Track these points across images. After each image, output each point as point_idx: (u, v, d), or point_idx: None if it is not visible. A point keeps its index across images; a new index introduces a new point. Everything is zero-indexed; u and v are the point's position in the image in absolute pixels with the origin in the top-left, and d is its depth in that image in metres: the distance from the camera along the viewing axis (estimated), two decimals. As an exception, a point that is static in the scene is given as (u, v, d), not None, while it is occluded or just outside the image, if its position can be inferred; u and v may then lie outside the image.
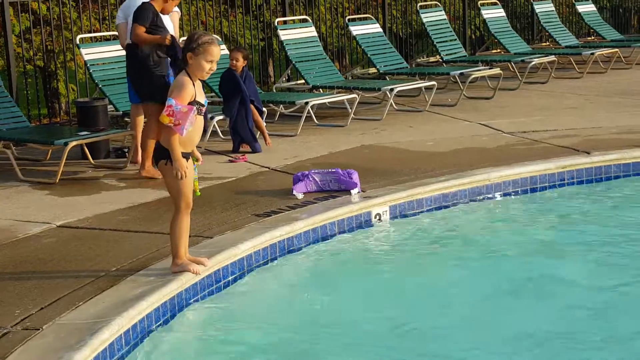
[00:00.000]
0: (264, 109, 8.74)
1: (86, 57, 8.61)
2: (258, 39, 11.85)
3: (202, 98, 4.59)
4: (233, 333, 4.52)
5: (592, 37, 15.62)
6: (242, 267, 5.18)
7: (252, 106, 8.23)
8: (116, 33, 8.00)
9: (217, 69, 8.49)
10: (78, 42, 8.80)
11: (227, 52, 9.86)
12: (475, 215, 6.36)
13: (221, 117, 8.30)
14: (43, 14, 9.47)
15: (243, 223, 5.68)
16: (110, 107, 8.48)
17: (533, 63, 11.72)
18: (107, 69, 8.65)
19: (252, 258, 5.26)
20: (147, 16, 6.98)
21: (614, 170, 7.07)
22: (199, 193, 4.83)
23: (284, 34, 10.57)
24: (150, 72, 7.04)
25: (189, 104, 4.49)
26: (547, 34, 14.72)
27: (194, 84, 4.54)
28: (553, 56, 12.19)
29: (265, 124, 8.70)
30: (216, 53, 4.52)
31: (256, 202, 6.22)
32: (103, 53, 8.67)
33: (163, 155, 4.59)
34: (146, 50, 7.03)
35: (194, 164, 4.73)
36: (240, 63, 8.21)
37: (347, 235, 5.89)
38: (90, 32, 9.65)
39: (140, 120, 7.50)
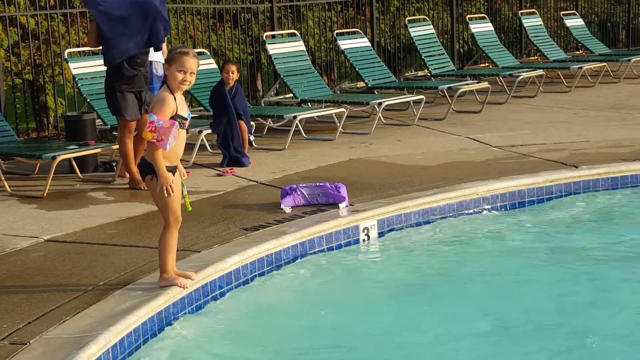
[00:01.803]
0: (252, 122, 8.78)
1: (74, 72, 8.60)
2: (246, 53, 11.87)
3: (184, 112, 4.58)
4: (220, 347, 4.50)
5: (581, 52, 15.73)
6: (229, 281, 5.16)
7: (240, 121, 8.24)
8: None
9: (208, 82, 8.58)
10: (66, 56, 8.80)
11: (215, 66, 9.90)
12: (463, 229, 6.36)
13: (209, 130, 8.30)
14: (31, 28, 9.46)
15: (231, 237, 5.68)
16: (98, 121, 8.47)
17: (521, 77, 11.79)
18: (95, 83, 8.64)
19: (239, 272, 5.26)
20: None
21: (602, 184, 7.11)
22: (190, 208, 4.81)
23: (273, 48, 10.60)
24: (116, 88, 7.08)
25: (171, 118, 4.49)
26: (535, 48, 14.81)
27: (175, 98, 4.53)
28: (541, 70, 12.26)
29: (253, 137, 8.71)
30: (189, 64, 4.48)
31: (244, 216, 6.22)
32: (91, 67, 8.66)
33: (148, 170, 4.58)
34: (114, 65, 7.06)
35: (181, 179, 4.72)
36: (235, 76, 8.24)
37: (335, 250, 5.89)
38: (78, 46, 9.64)
39: (128, 134, 7.51)
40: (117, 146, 7.62)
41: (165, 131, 4.43)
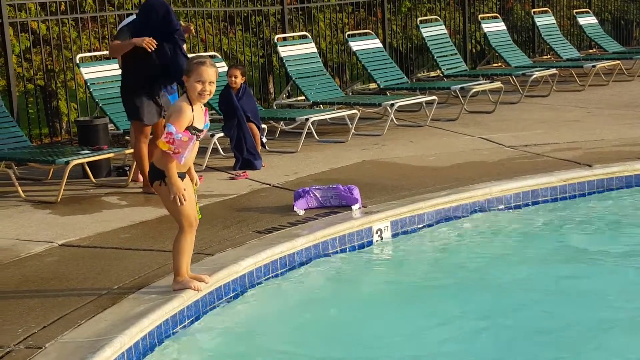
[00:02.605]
0: (264, 125, 8.78)
1: (86, 76, 8.63)
2: (258, 56, 11.88)
3: (201, 123, 4.54)
4: (235, 350, 4.50)
5: (594, 50, 15.65)
6: (243, 283, 5.16)
7: (251, 124, 8.25)
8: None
9: (220, 85, 8.60)
10: (78, 62, 8.83)
11: (226, 69, 9.89)
12: (476, 229, 6.34)
13: (222, 134, 8.30)
14: (43, 33, 9.51)
15: (244, 240, 5.68)
16: (110, 126, 8.50)
17: (534, 76, 11.74)
18: (107, 88, 8.67)
19: (253, 275, 5.25)
20: (124, 32, 7.07)
21: (616, 183, 7.06)
22: (200, 216, 4.81)
23: (284, 51, 10.60)
24: (135, 92, 7.10)
25: (186, 129, 4.47)
26: (548, 46, 14.75)
27: (192, 109, 4.50)
28: (554, 69, 12.21)
29: (266, 140, 8.71)
30: (206, 74, 4.44)
31: (257, 218, 6.22)
32: (103, 72, 8.69)
33: (157, 175, 4.58)
34: (134, 69, 7.09)
35: (192, 186, 4.72)
36: (239, 80, 8.24)
37: (348, 251, 5.88)
38: (90, 51, 9.68)
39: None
40: (130, 150, 7.64)
41: (182, 145, 4.41)
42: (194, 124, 4.49)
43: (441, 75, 12.26)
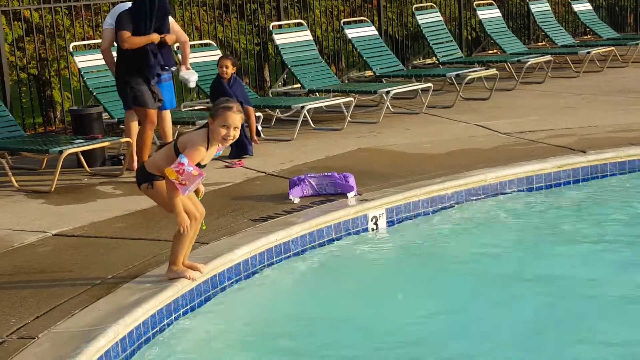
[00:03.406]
0: (259, 113, 8.76)
1: (80, 65, 8.60)
2: (253, 44, 11.84)
3: (208, 159, 4.55)
4: (230, 338, 4.50)
5: (589, 36, 15.61)
6: (238, 272, 5.16)
7: (246, 106, 8.24)
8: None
9: (215, 74, 8.55)
10: (72, 50, 8.79)
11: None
12: (471, 216, 6.34)
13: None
14: (36, 21, 9.46)
15: (239, 228, 5.67)
16: (105, 115, 8.47)
17: (529, 63, 11.71)
18: (101, 77, 8.64)
19: (248, 263, 5.25)
20: (128, 20, 7.04)
21: (610, 169, 7.06)
22: (205, 227, 4.83)
23: (279, 38, 10.56)
24: (133, 80, 7.08)
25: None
26: (543, 33, 14.72)
27: (208, 147, 4.47)
28: (549, 56, 12.18)
29: (261, 128, 8.68)
30: (232, 120, 4.40)
31: (252, 207, 6.21)
32: (97, 60, 8.64)
33: (146, 179, 4.59)
34: (132, 58, 7.08)
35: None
36: (230, 70, 8.23)
37: (343, 239, 5.87)
38: (83, 39, 9.64)
39: (135, 126, 7.52)
40: (124, 139, 7.62)
41: (191, 179, 4.39)
42: (202, 162, 4.50)
43: (437, 62, 12.23)
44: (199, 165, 4.49)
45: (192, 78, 7.75)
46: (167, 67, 7.38)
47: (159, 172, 4.55)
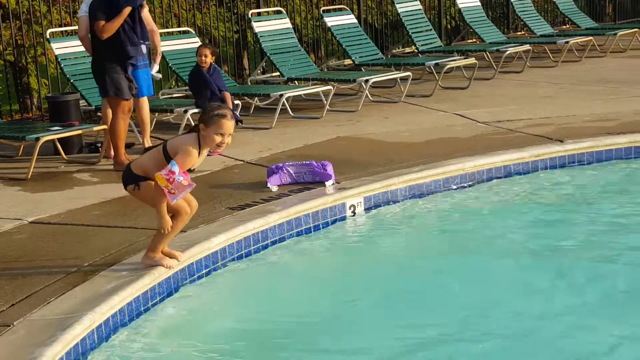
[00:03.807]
0: (238, 101, 8.75)
1: (57, 52, 8.53)
2: (232, 31, 11.79)
3: (198, 164, 4.53)
4: (206, 327, 4.50)
5: (567, 26, 15.69)
6: (215, 260, 5.15)
7: (225, 93, 8.22)
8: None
9: (194, 61, 8.50)
10: (48, 37, 8.71)
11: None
12: (449, 205, 6.36)
13: (195, 110, 8.25)
14: (12, 7, 9.35)
15: (217, 216, 5.65)
16: (82, 102, 8.40)
17: (508, 52, 11.76)
18: (78, 64, 8.57)
19: (225, 251, 5.24)
20: (100, 8, 6.98)
21: (587, 158, 7.11)
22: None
23: (258, 26, 10.52)
24: (111, 68, 7.03)
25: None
26: (522, 23, 14.76)
27: (199, 153, 4.45)
28: (528, 45, 12.23)
29: (240, 116, 8.67)
30: (227, 127, 4.39)
31: (230, 195, 6.19)
32: (74, 47, 8.57)
33: (133, 180, 4.57)
34: (107, 46, 7.02)
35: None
36: (209, 59, 8.21)
37: (321, 227, 5.88)
38: (60, 26, 9.55)
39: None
40: (101, 127, 7.57)
41: (180, 188, 4.37)
42: (192, 166, 4.50)
43: (416, 51, 12.24)
44: (189, 170, 4.49)
45: (158, 76, 7.86)
46: (143, 42, 7.30)
47: (146, 175, 4.52)
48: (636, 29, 13.80)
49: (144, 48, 7.52)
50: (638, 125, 7.85)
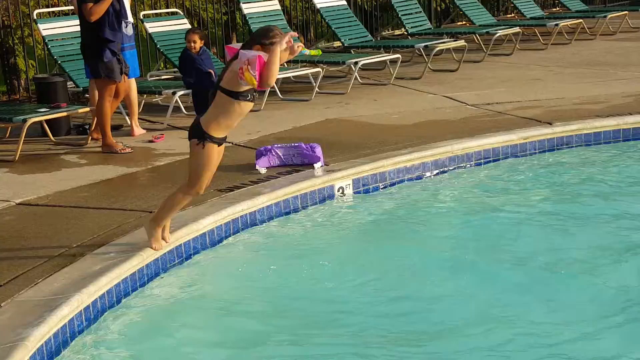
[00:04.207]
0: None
1: (44, 33, 8.46)
2: (221, 13, 11.72)
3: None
4: (194, 308, 4.50)
5: (557, 8, 15.69)
6: (204, 242, 5.15)
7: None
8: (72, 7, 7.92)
9: (183, 43, 8.43)
10: (35, 17, 8.64)
11: (189, 26, 9.76)
12: (438, 187, 6.37)
13: (182, 92, 8.21)
14: (-1, -12, 9.28)
15: (205, 198, 5.63)
16: (70, 83, 8.36)
17: (498, 35, 11.74)
18: (66, 45, 8.51)
19: (214, 233, 5.24)
20: None
21: (575, 141, 7.13)
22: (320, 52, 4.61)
23: (247, 8, 10.47)
24: (104, 50, 6.98)
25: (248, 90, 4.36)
26: (512, 5, 14.74)
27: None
28: (518, 28, 12.21)
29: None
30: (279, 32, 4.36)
31: (219, 177, 6.14)
32: (62, 28, 8.53)
33: (198, 135, 4.46)
34: (98, 27, 6.98)
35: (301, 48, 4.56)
36: (198, 45, 8.17)
37: (310, 209, 5.88)
38: (48, 6, 9.48)
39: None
40: (87, 109, 7.53)
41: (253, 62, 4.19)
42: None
43: (405, 33, 12.22)
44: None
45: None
46: (127, 22, 7.26)
47: (217, 124, 4.43)
48: (626, 12, 13.81)
49: (130, 29, 7.49)
50: (627, 107, 7.87)
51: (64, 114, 7.49)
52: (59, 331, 3.85)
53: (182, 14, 10.10)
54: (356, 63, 9.63)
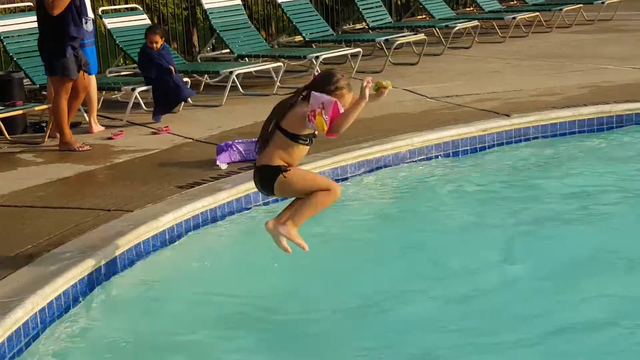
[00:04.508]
0: (187, 79, 8.67)
1: (0, 29, 8.32)
2: (181, 8, 11.64)
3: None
4: (154, 307, 4.47)
5: (515, 2, 15.80)
6: (164, 239, 5.11)
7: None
8: (30, 3, 7.80)
9: (142, 39, 8.35)
10: (-10, 14, 8.51)
11: (148, 22, 9.68)
12: (399, 180, 6.40)
13: (142, 88, 8.15)
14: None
15: (165, 195, 5.61)
16: (26, 81, 8.24)
17: (457, 28, 11.81)
18: (22, 42, 8.39)
19: (174, 230, 5.20)
20: None
21: (533, 132, 7.20)
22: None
23: (208, 3, 10.40)
24: (62, 47, 6.89)
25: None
26: (471, -1, 14.84)
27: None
28: (476, 21, 12.29)
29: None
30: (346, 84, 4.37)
31: (179, 173, 6.14)
32: (18, 25, 8.40)
33: (275, 173, 4.33)
34: (57, 24, 6.88)
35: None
36: (160, 43, 8.13)
37: (272, 204, 5.86)
38: (3, 3, 9.32)
39: (58, 93, 7.34)
40: (43, 107, 7.44)
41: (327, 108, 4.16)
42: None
43: (366, 27, 12.23)
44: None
45: None
46: (87, 18, 7.19)
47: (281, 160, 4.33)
48: (581, 5, 13.97)
49: (90, 25, 7.40)
50: (582, 99, 7.97)
51: (20, 112, 7.39)
52: (13, 334, 3.79)
53: (141, 9, 10.01)
54: (317, 57, 9.63)
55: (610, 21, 13.92)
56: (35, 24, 7.97)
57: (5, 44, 8.33)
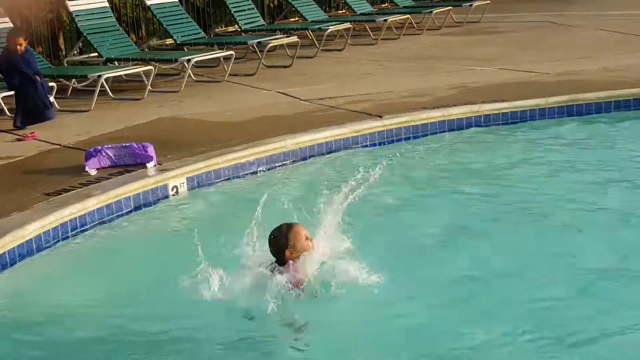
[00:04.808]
0: (52, 83, 8.38)
1: None
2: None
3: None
4: (19, 316, 4.29)
5: (386, 4, 16.14)
6: (30, 248, 4.93)
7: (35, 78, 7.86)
8: None
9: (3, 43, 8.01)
10: None
11: (10, 25, 9.28)
12: (273, 182, 6.40)
13: (6, 93, 7.82)
14: None
15: (31, 203, 5.41)
16: None
17: (329, 30, 11.95)
18: None
19: (41, 239, 5.02)
20: None
21: (404, 132, 7.37)
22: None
23: (73, 5, 10.10)
24: None
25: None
26: (343, 1, 15.03)
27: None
28: (348, 23, 12.48)
29: (53, 99, 8.31)
30: (301, 230, 4.46)
31: (46, 181, 5.93)
32: None
33: None
34: None
35: None
36: (24, 45, 7.83)
37: (143, 209, 5.75)
38: None
39: None
40: None
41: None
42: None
43: (239, 30, 12.19)
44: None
45: None
46: None
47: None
48: (450, 7, 14.43)
49: None
50: (451, 99, 8.23)
51: None
52: None
53: (2, 11, 9.59)
54: (189, 60, 9.52)
55: (478, 23, 14.43)
56: None
57: None
